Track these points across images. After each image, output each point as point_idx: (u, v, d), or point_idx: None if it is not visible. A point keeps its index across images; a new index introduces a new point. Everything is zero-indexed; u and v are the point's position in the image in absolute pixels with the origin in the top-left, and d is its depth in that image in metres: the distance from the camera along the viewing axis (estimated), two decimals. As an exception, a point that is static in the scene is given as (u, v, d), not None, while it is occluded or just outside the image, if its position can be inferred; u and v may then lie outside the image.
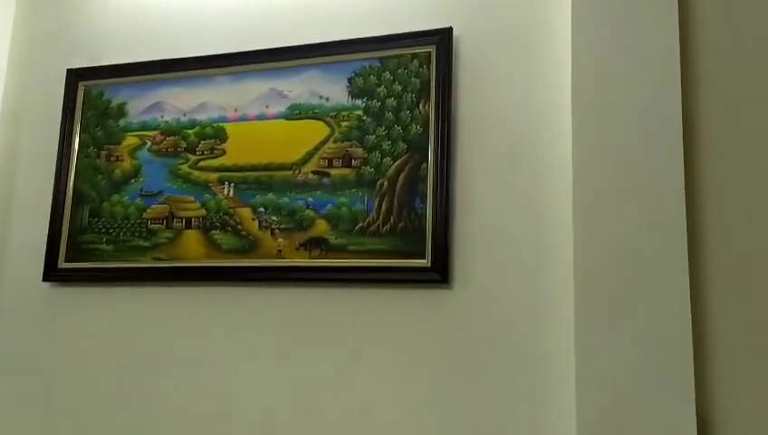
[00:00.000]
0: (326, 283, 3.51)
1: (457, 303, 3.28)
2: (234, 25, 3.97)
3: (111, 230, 3.97)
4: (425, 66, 3.57)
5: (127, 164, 4.10)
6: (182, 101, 4.06)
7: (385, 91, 3.72)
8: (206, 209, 3.89)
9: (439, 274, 3.34)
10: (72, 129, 4.15)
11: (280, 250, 3.67)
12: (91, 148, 4.14)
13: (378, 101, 3.72)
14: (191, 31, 4.03)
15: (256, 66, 3.89)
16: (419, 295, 3.35)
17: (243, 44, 3.88)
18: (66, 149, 4.11)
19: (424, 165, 3.58)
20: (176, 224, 3.92)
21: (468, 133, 3.50)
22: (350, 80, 3.79)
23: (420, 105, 3.65)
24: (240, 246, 3.74)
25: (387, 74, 3.66)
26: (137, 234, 3.96)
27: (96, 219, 4.01)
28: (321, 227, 3.70)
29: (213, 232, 3.84)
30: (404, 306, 3.36)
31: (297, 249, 3.65)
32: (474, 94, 3.51)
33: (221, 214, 3.86)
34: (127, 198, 4.03)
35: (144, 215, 3.96)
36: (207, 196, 3.94)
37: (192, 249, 3.82)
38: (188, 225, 3.89)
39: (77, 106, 4.15)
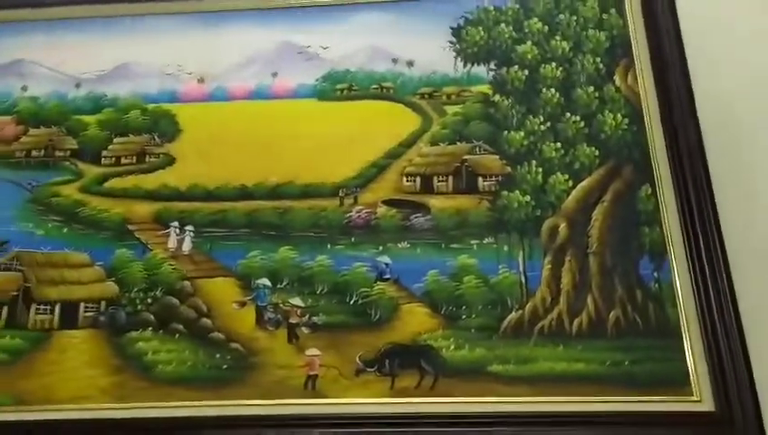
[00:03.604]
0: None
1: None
2: None
3: None
4: (613, 8, 2.28)
5: None
6: (74, 59, 2.42)
7: (536, 50, 2.26)
8: (120, 285, 2.11)
9: (731, 427, 1.79)
10: None
11: (313, 378, 1.91)
12: None
13: (522, 67, 2.26)
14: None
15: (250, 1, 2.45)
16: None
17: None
18: None
19: (646, 188, 2.08)
20: (38, 319, 2.05)
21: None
22: (457, 29, 2.32)
23: (617, 75, 2.20)
24: (207, 371, 1.95)
25: (534, 22, 2.29)
26: None
27: None
28: (413, 324, 1.98)
29: (136, 339, 1.99)
30: None
31: (358, 374, 1.92)
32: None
33: (159, 294, 2.08)
34: None
35: None
36: (125, 253, 2.15)
37: (74, 382, 1.95)
38: (69, 322, 2.05)
39: None
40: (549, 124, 2.14)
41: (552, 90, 2.18)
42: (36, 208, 2.18)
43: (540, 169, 2.08)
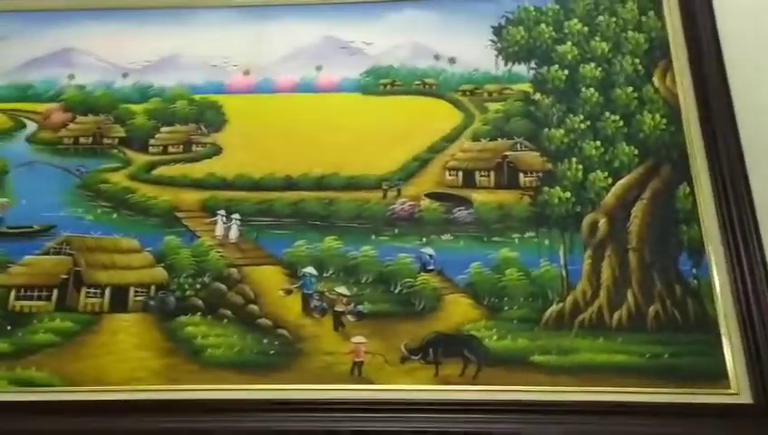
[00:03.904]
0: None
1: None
2: None
3: None
4: (651, 11, 2.30)
5: None
6: (121, 49, 2.46)
7: (575, 51, 2.29)
8: (169, 270, 2.14)
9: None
10: None
11: (359, 365, 1.94)
12: None
13: (562, 67, 2.31)
14: None
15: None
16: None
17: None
18: None
19: (684, 187, 2.11)
20: (88, 302, 2.08)
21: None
22: (498, 29, 2.37)
23: (655, 77, 2.24)
24: (254, 356, 1.97)
25: (575, 23, 2.32)
26: None
27: None
28: (456, 314, 2.01)
29: (185, 324, 2.02)
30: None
31: (403, 361, 1.95)
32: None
33: (207, 280, 2.11)
34: None
35: (0, 280, 2.16)
36: (173, 240, 2.17)
37: (125, 364, 1.97)
38: (119, 306, 2.08)
39: None
40: (588, 123, 2.17)
41: (592, 89, 2.21)
42: (85, 194, 2.20)
43: (580, 167, 2.11)
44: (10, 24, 2.48)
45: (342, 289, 2.01)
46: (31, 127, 2.32)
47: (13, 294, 2.03)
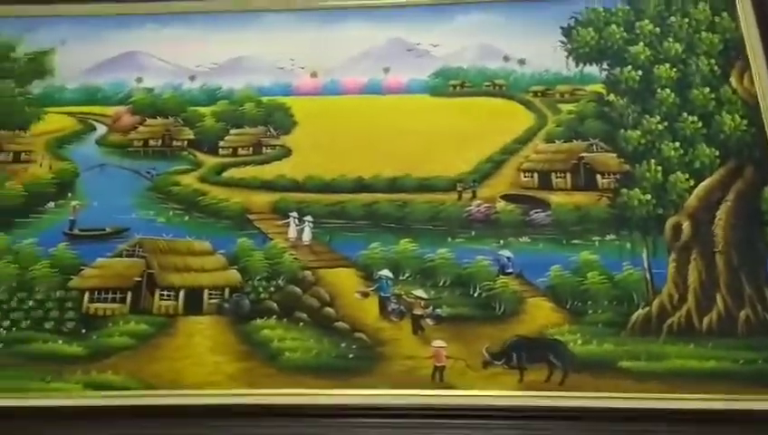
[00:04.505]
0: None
1: None
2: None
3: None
4: (725, 12, 2.26)
5: (40, 170, 2.32)
6: (187, 52, 2.45)
7: (648, 51, 2.24)
8: (242, 273, 2.11)
9: None
10: None
11: (440, 369, 1.88)
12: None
13: (635, 68, 2.26)
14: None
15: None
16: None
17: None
18: None
19: None
20: (162, 304, 2.06)
21: None
22: (567, 29, 2.34)
23: (732, 77, 2.18)
24: (333, 360, 1.92)
25: (646, 23, 2.28)
26: (54, 327, 2.04)
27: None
28: (538, 318, 1.97)
29: (261, 327, 1.98)
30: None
31: (485, 366, 1.89)
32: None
33: (281, 283, 2.08)
34: (32, 242, 2.18)
35: (74, 283, 2.14)
36: (245, 242, 2.15)
37: (202, 367, 1.93)
38: (194, 308, 2.06)
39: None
40: (666, 124, 2.13)
41: (668, 90, 2.18)
42: (156, 197, 2.20)
43: (659, 168, 2.07)
44: (72, 29, 2.50)
45: (420, 292, 1.98)
46: (100, 130, 2.34)
47: (86, 296, 2.01)
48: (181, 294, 2.05)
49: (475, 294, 1.96)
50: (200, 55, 2.42)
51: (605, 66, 2.25)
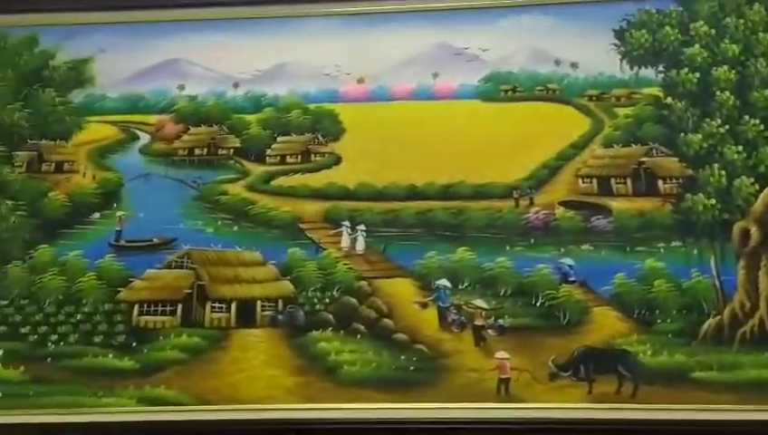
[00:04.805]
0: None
1: None
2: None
3: (30, 328, 2.02)
4: None
5: (83, 180, 2.24)
6: (231, 59, 2.37)
7: (705, 53, 2.16)
8: (295, 284, 2.05)
9: None
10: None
11: (505, 382, 1.82)
12: None
13: (692, 70, 2.15)
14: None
15: (406, 3, 2.31)
16: None
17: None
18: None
19: None
20: (214, 317, 1.98)
21: None
22: (620, 32, 2.25)
23: None
24: (393, 372, 1.85)
25: (700, 24, 2.19)
26: (104, 341, 1.99)
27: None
28: (605, 327, 1.88)
29: (317, 339, 1.93)
30: None
31: (552, 378, 1.82)
32: None
33: (336, 294, 2.02)
34: (78, 254, 2.11)
35: (123, 295, 2.07)
36: (297, 252, 2.09)
37: (259, 381, 1.88)
38: (246, 320, 1.99)
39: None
40: (727, 127, 2.05)
41: (727, 92, 2.10)
42: (203, 206, 2.14)
43: (723, 172, 2.00)
44: (111, 37, 2.43)
45: (480, 302, 1.92)
46: (144, 138, 2.27)
47: (136, 309, 1.97)
48: (233, 306, 1.98)
49: (538, 304, 1.90)
50: (243, 62, 2.34)
51: (661, 69, 2.17)
